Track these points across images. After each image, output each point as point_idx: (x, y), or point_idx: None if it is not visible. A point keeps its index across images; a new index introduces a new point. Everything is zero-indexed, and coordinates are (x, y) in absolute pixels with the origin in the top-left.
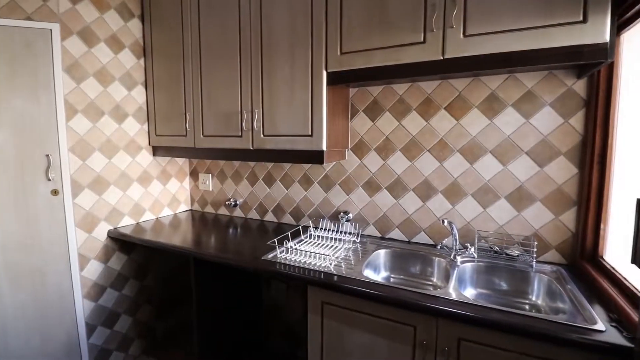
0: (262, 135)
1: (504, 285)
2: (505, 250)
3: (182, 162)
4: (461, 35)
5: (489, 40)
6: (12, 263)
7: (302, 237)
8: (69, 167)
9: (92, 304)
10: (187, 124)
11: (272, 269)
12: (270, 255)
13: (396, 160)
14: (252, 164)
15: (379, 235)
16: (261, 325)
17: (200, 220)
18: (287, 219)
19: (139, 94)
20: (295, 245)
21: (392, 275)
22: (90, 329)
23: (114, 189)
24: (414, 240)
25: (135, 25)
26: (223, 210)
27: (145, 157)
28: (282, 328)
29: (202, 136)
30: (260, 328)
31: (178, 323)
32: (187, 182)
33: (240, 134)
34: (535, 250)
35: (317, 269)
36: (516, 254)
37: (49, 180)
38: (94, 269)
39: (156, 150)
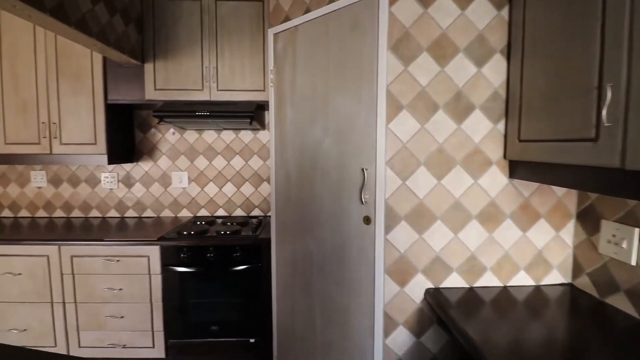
0: None
1: None
2: None
3: (562, 193)
4: None
5: None
6: (324, 291)
7: None
8: (385, 187)
9: None
10: (604, 111)
11: None
12: None
13: None
14: None
15: None
16: None
17: (591, 318)
18: None
19: (494, 70)
20: None
21: None
22: None
23: (440, 227)
24: None
25: None
26: None
27: (496, 178)
28: None
29: None
30: None
31: None
32: (568, 230)
33: None
34: None
35: None
36: None
37: (362, 203)
38: (401, 340)
39: (516, 168)
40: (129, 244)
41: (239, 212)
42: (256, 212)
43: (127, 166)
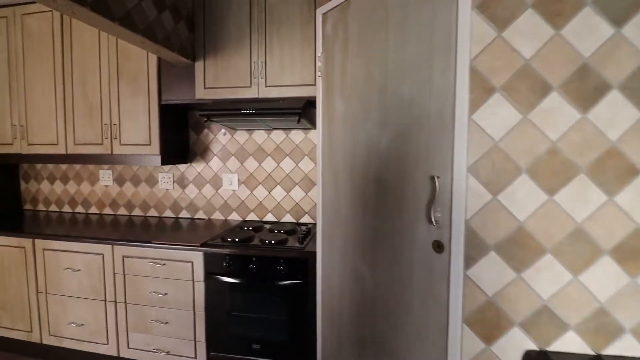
0: None
1: None
2: None
3: None
4: None
5: None
6: (379, 332)
7: None
8: (465, 203)
9: None
10: None
11: None
12: None
13: None
14: None
15: None
16: None
17: None
18: None
19: None
20: None
21: None
22: None
23: (551, 264)
24: None
25: None
26: None
27: None
28: None
29: None
30: None
31: None
32: None
33: None
34: None
35: None
36: None
37: (432, 223)
38: None
39: None
40: (173, 248)
41: (288, 218)
42: (306, 219)
43: (182, 167)
